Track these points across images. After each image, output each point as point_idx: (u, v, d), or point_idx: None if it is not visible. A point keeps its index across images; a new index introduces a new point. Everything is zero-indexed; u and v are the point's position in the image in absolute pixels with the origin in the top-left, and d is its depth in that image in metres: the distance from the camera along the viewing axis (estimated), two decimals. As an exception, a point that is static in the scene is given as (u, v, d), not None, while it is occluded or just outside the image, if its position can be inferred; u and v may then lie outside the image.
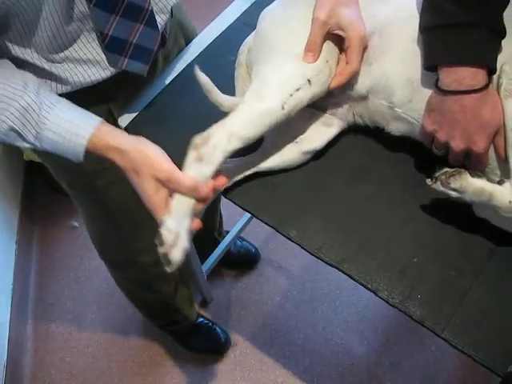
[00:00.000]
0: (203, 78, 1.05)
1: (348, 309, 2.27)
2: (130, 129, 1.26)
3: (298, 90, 1.04)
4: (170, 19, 1.29)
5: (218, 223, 2.18)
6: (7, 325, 2.15)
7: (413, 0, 1.04)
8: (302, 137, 1.15)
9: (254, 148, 1.16)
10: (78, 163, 1.05)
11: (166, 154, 1.02)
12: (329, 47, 1.06)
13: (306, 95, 1.04)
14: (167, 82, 1.33)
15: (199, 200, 0.99)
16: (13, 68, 1.05)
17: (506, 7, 0.94)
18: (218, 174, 1.02)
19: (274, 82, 1.05)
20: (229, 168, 1.12)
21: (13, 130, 1.01)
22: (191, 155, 1.00)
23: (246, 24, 1.38)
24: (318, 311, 2.27)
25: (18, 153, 2.46)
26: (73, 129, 1.02)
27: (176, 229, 0.97)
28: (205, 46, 1.39)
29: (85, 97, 1.14)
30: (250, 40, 1.21)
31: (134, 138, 1.03)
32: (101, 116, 1.08)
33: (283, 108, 1.03)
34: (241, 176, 1.15)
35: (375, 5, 1.09)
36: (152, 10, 1.13)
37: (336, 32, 1.04)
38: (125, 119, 1.28)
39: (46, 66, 1.10)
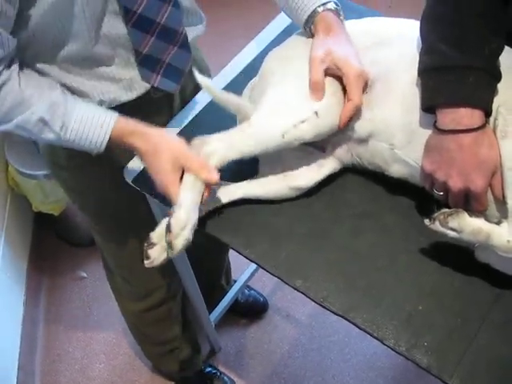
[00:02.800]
0: (204, 80, 1.11)
1: (357, 356, 2.24)
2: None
3: (303, 122, 1.07)
4: None
5: (226, 272, 2.18)
6: (15, 376, 2.13)
7: (411, 45, 1.08)
8: (291, 172, 1.17)
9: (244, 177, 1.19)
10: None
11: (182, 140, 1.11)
12: (333, 82, 1.10)
13: (310, 129, 1.07)
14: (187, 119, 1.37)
15: (206, 181, 1.07)
16: (38, 76, 1.12)
17: (501, 52, 0.97)
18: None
19: (280, 110, 1.09)
20: (215, 188, 1.16)
21: (41, 120, 1.08)
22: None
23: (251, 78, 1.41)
24: (327, 359, 2.25)
25: (27, 204, 2.48)
26: (97, 118, 1.10)
27: (185, 220, 1.04)
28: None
29: None
30: (253, 82, 1.25)
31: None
32: None
33: (283, 137, 1.06)
34: (226, 200, 1.18)
35: (375, 50, 1.12)
36: (185, 34, 1.19)
37: (333, 71, 1.08)
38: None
39: (70, 81, 1.17)
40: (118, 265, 1.69)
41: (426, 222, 1.00)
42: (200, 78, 1.10)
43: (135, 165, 1.29)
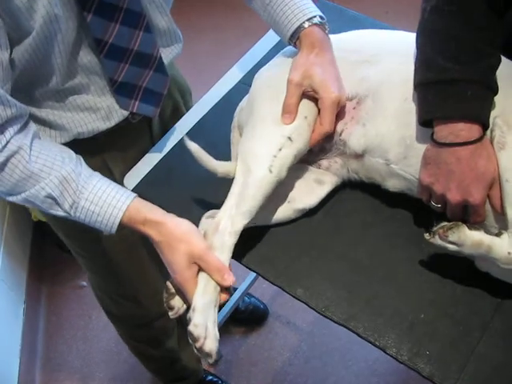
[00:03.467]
0: (193, 147, 1.09)
1: (358, 363, 2.24)
2: (136, 191, 1.27)
3: (280, 149, 1.07)
4: None
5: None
6: (16, 385, 2.14)
7: (401, 62, 1.08)
8: (293, 196, 1.17)
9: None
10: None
11: (198, 230, 1.06)
12: (307, 103, 1.09)
13: (289, 153, 1.07)
14: (171, 142, 1.36)
15: (220, 284, 1.03)
16: (51, 145, 1.08)
17: (498, 65, 0.97)
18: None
19: (256, 150, 1.08)
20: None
21: (50, 196, 1.03)
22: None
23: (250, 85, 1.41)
24: (329, 366, 2.24)
25: (26, 213, 2.48)
26: (110, 200, 1.04)
27: (203, 322, 1.01)
28: (209, 108, 1.41)
29: (82, 147, 1.17)
30: (244, 101, 1.25)
31: (167, 213, 1.07)
32: (96, 166, 1.12)
33: (271, 171, 1.06)
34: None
35: (364, 67, 1.12)
36: (161, 57, 1.17)
37: (309, 93, 1.08)
38: (130, 182, 1.30)
39: (47, 115, 1.14)
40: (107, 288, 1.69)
41: (426, 236, 1.00)
42: (191, 146, 1.09)
43: (134, 174, 1.30)
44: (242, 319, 2.34)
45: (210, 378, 2.19)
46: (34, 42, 0.98)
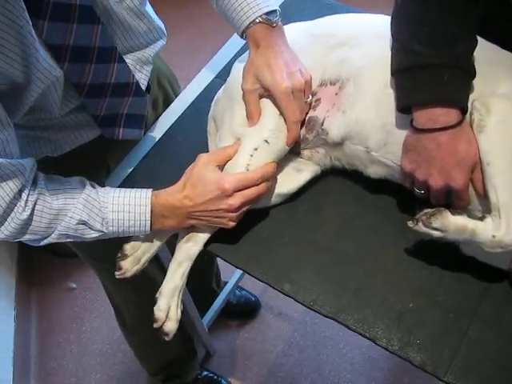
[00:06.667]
0: None
1: (353, 350, 2.24)
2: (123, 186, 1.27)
3: (256, 149, 1.08)
4: None
5: (216, 275, 2.17)
6: (10, 392, 2.12)
7: (381, 45, 1.06)
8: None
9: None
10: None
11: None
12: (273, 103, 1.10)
13: (267, 151, 1.09)
14: (156, 136, 1.36)
15: None
16: (61, 180, 1.10)
17: (475, 48, 0.96)
18: None
19: (233, 153, 1.10)
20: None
21: (80, 222, 1.06)
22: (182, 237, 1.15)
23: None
24: (323, 355, 2.24)
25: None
26: (133, 201, 1.08)
27: (166, 307, 1.13)
28: (190, 102, 1.40)
29: (83, 152, 1.22)
30: (220, 92, 1.25)
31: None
32: (100, 168, 1.21)
33: (248, 170, 1.08)
34: None
35: (344, 50, 1.11)
36: (137, 82, 1.18)
37: (265, 94, 1.09)
38: (115, 179, 1.30)
39: (41, 133, 1.17)
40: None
41: (409, 223, 0.99)
42: None
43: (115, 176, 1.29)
44: (234, 313, 2.34)
45: (206, 373, 2.18)
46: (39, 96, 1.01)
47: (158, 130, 1.36)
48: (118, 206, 1.08)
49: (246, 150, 1.09)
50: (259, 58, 1.10)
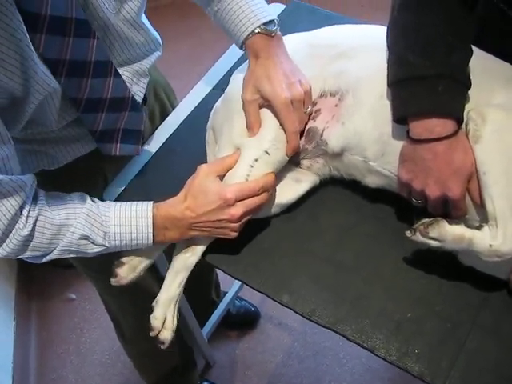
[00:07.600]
0: None
1: (352, 360, 2.23)
2: (121, 199, 1.27)
3: (256, 160, 1.09)
4: None
5: (215, 285, 2.17)
6: (9, 404, 2.12)
7: (379, 57, 1.07)
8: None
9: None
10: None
11: None
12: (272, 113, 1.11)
13: (267, 162, 1.09)
14: (154, 148, 1.36)
15: None
16: (61, 196, 1.10)
17: (470, 58, 0.97)
18: None
19: (234, 163, 1.11)
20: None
21: (83, 236, 1.06)
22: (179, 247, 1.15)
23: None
24: (323, 365, 2.24)
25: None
26: (134, 214, 1.08)
27: (162, 316, 1.15)
28: (188, 113, 1.41)
29: (80, 164, 1.22)
30: (219, 102, 1.25)
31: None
32: (98, 179, 1.21)
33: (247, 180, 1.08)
34: None
35: (343, 61, 1.12)
36: (133, 97, 1.18)
37: (265, 105, 1.10)
38: (111, 193, 1.30)
39: (38, 147, 1.17)
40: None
41: (407, 233, 0.99)
42: None
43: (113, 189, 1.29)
44: (234, 323, 2.33)
45: (205, 384, 2.18)
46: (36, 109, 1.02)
47: (156, 142, 1.37)
48: (120, 220, 1.07)
49: (246, 161, 1.09)
50: (259, 69, 1.10)
